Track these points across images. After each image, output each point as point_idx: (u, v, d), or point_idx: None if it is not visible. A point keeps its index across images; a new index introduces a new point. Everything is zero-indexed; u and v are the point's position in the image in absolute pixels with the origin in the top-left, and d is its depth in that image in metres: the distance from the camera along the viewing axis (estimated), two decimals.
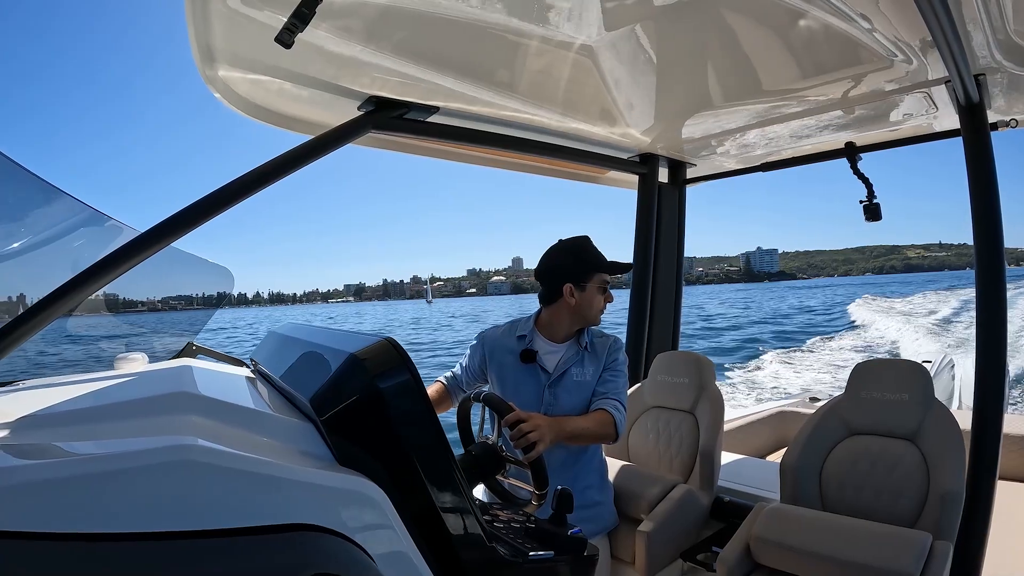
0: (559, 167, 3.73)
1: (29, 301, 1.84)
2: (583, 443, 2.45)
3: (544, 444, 2.05)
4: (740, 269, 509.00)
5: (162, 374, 1.58)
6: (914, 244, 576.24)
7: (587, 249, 2.50)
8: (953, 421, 2.41)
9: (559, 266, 2.49)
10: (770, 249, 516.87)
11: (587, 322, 2.52)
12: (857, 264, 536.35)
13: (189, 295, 2.81)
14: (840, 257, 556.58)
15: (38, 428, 1.10)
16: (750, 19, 2.11)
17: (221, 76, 2.20)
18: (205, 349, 2.33)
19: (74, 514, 0.78)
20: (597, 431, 2.36)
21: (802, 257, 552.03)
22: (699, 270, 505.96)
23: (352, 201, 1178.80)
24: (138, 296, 2.58)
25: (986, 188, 2.56)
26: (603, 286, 2.49)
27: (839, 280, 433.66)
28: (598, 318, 2.53)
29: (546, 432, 2.08)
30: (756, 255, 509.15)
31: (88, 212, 2.08)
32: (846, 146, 3.51)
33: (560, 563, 1.35)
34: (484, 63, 2.33)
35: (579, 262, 2.47)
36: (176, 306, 2.76)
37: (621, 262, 2.57)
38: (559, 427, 2.21)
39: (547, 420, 2.17)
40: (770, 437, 4.91)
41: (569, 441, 2.34)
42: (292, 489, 0.93)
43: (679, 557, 2.71)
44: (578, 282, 2.45)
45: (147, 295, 2.62)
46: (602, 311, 2.53)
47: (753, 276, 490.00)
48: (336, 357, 1.18)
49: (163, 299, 2.73)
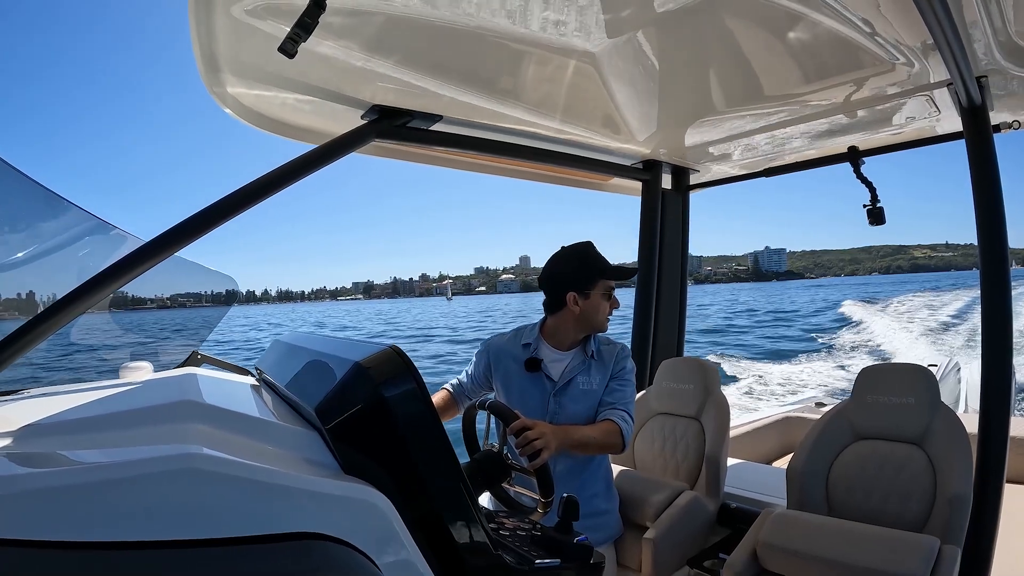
0: (562, 174, 3.73)
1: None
2: (588, 453, 2.43)
3: (549, 452, 2.04)
4: (748, 268, 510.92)
5: (167, 383, 1.58)
6: (921, 244, 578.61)
7: (590, 255, 2.47)
8: (960, 425, 2.40)
9: (561, 274, 2.47)
10: (778, 249, 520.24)
11: (594, 329, 2.49)
12: (864, 264, 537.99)
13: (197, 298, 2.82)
14: (847, 257, 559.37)
15: (43, 436, 1.11)
16: (752, 25, 2.11)
17: (225, 86, 2.21)
18: (210, 358, 2.33)
19: (79, 522, 0.78)
20: (603, 441, 2.34)
21: (808, 257, 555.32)
22: (707, 269, 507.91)
23: (357, 199, 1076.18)
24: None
25: (990, 190, 2.56)
26: (608, 292, 2.46)
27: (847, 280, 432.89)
28: (605, 325, 2.50)
29: (551, 440, 2.08)
30: (764, 255, 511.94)
31: (93, 222, 2.09)
32: (849, 150, 3.50)
33: (566, 571, 1.35)
34: (487, 71, 2.34)
35: (582, 269, 2.45)
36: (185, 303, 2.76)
37: (626, 267, 2.55)
38: (565, 435, 2.20)
39: (552, 428, 2.16)
40: (776, 442, 4.90)
41: (574, 450, 2.33)
42: (298, 498, 0.93)
43: (686, 564, 2.70)
44: (582, 289, 2.42)
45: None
46: (609, 318, 2.50)
47: (761, 275, 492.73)
48: (341, 365, 1.18)
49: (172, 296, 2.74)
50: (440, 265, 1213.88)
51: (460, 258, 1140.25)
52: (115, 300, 2.40)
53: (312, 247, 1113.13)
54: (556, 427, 2.21)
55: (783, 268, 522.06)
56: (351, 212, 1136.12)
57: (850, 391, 2.71)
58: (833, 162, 3.68)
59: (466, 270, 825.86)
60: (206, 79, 2.13)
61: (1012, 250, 2.63)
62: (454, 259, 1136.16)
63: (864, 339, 26.53)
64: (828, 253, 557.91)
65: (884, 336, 26.26)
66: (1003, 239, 2.53)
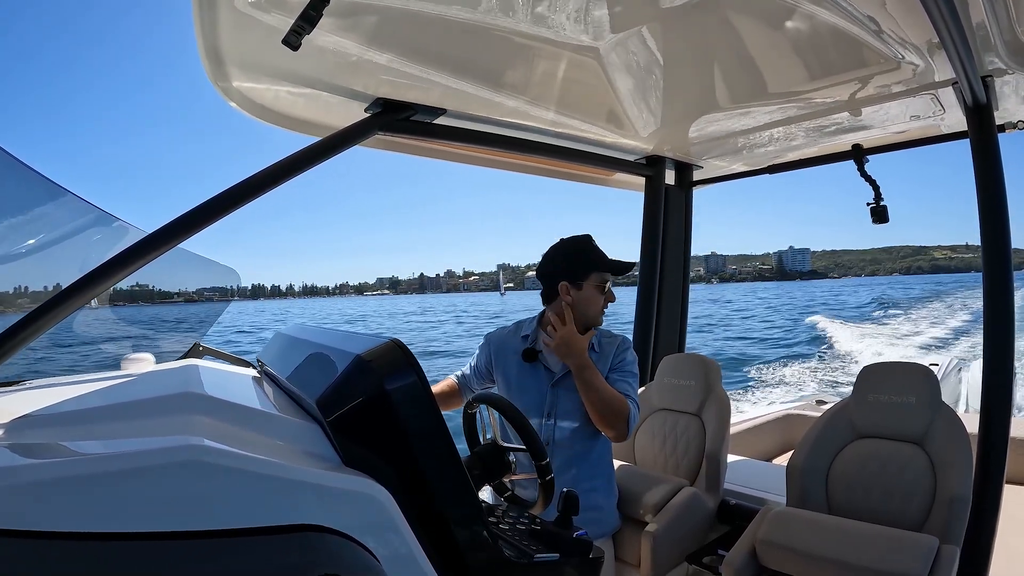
0: (566, 169, 3.73)
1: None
2: (590, 400, 2.34)
3: (562, 347, 2.35)
4: (773, 268, 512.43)
5: (169, 374, 1.58)
6: (941, 245, 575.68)
7: (585, 248, 2.49)
8: (960, 425, 2.40)
9: (556, 264, 2.50)
10: (802, 249, 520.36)
11: (587, 322, 2.49)
12: (884, 264, 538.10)
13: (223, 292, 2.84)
14: (867, 257, 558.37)
15: (45, 428, 1.11)
16: (757, 21, 2.11)
17: (229, 80, 2.21)
18: (212, 350, 2.34)
19: (81, 513, 0.78)
20: (610, 400, 2.32)
21: (829, 257, 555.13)
22: (732, 268, 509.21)
23: (371, 191, 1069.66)
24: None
25: (994, 190, 2.55)
26: (601, 285, 2.47)
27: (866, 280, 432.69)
28: (599, 318, 2.51)
29: (572, 347, 2.32)
30: (788, 254, 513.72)
31: (95, 213, 2.09)
32: (853, 148, 3.50)
33: (566, 565, 1.35)
34: (491, 65, 2.33)
35: (576, 261, 2.47)
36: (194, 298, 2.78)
37: (623, 261, 2.55)
38: (582, 357, 2.34)
39: (578, 342, 2.34)
40: (777, 440, 4.90)
41: (580, 382, 2.34)
42: (298, 490, 0.93)
43: (684, 560, 2.71)
44: (574, 280, 2.45)
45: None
46: (603, 311, 2.50)
47: (785, 275, 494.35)
48: (342, 358, 1.18)
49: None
50: (462, 261, 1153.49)
51: (480, 253, 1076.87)
52: (141, 294, 2.43)
53: (325, 241, 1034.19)
54: (581, 344, 2.36)
55: (807, 268, 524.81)
56: (363, 205, 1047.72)
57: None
58: (837, 160, 3.67)
59: (488, 266, 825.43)
60: (210, 73, 2.13)
61: (1015, 251, 2.63)
62: (475, 254, 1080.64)
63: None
64: (848, 253, 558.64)
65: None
66: (1006, 238, 2.53)
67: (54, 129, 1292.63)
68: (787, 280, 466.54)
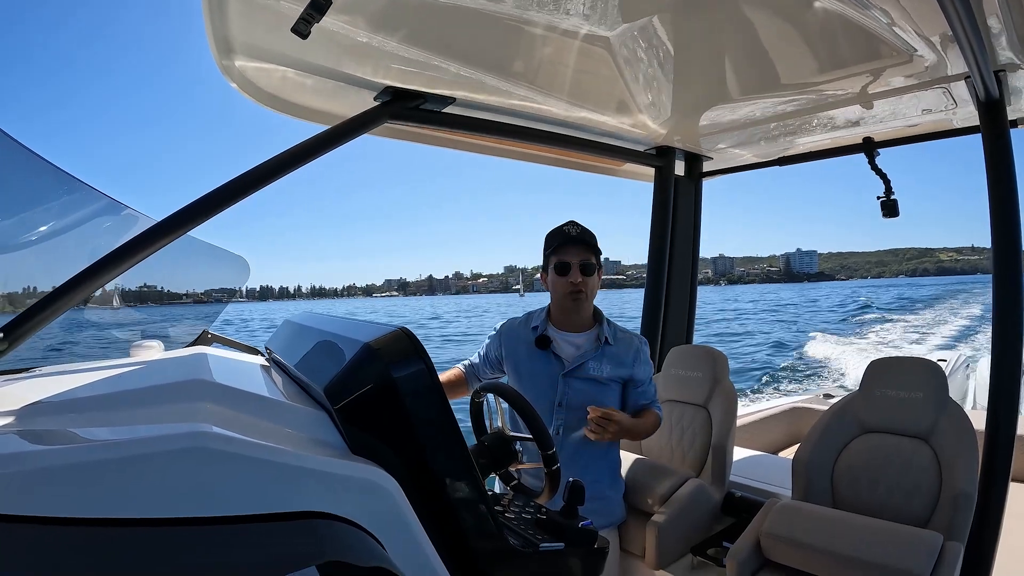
0: (575, 159, 3.72)
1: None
2: (635, 439, 2.72)
3: (621, 433, 2.36)
4: (780, 270, 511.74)
5: (177, 362, 1.59)
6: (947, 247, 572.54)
7: (552, 232, 2.51)
8: (967, 421, 2.39)
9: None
10: (809, 251, 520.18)
11: (558, 305, 2.53)
12: (890, 266, 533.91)
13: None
14: (873, 259, 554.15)
15: (54, 415, 1.12)
16: (768, 12, 2.09)
17: (237, 67, 2.21)
18: (220, 337, 2.34)
19: (88, 499, 0.78)
20: (650, 429, 2.51)
21: (835, 259, 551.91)
22: (740, 270, 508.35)
23: (377, 192, 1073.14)
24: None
25: (1005, 186, 2.53)
26: (557, 266, 2.45)
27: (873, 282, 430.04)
28: (564, 300, 2.48)
29: (623, 425, 2.33)
30: (796, 256, 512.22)
31: (105, 201, 2.09)
32: (864, 141, 3.48)
33: (571, 555, 1.36)
34: (501, 54, 2.33)
35: (545, 247, 2.52)
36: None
37: (568, 233, 2.47)
38: (630, 427, 2.40)
39: (624, 418, 2.35)
40: (783, 433, 4.89)
41: (628, 437, 2.52)
42: (305, 477, 0.93)
43: (689, 551, 2.71)
44: (545, 267, 2.52)
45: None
46: (567, 293, 2.45)
47: (793, 276, 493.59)
48: (350, 346, 1.18)
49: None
50: (469, 263, 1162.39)
51: (488, 255, 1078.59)
52: (148, 295, 2.45)
53: (331, 240, 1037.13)
54: (629, 423, 2.38)
55: (814, 269, 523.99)
56: (363, 203, 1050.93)
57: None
58: (848, 152, 3.65)
59: (496, 268, 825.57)
60: (219, 60, 2.14)
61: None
62: (482, 257, 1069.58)
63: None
64: (855, 255, 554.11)
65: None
66: (1017, 235, 2.51)
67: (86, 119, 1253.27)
68: (795, 282, 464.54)
